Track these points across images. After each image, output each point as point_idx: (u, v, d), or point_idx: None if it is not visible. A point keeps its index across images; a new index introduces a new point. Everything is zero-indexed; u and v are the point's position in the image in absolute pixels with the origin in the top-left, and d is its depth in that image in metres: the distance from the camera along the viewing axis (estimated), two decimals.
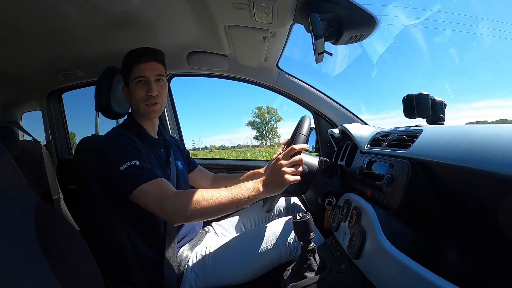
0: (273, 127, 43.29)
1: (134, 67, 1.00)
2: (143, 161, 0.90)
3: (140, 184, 0.85)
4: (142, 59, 1.00)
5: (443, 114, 0.88)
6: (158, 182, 0.87)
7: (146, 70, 1.00)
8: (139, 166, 0.87)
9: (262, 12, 0.95)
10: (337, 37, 0.93)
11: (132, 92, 1.02)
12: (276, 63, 1.53)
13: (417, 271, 0.48)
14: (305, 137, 0.90)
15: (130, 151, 0.90)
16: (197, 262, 0.97)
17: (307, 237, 0.77)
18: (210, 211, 0.82)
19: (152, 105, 1.01)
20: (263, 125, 42.95)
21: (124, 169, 0.86)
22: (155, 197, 0.84)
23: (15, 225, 0.62)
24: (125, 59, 1.03)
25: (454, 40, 42.20)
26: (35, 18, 1.01)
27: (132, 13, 1.04)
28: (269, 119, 43.23)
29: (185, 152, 1.30)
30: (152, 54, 1.02)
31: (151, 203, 0.84)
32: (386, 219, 0.66)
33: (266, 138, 43.41)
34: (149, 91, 0.99)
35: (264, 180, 0.84)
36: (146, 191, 0.85)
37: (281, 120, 44.11)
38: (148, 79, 1.00)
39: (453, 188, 0.59)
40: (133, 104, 1.04)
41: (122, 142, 0.92)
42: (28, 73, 1.54)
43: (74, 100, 2.05)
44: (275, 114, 43.32)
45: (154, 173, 0.89)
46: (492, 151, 0.46)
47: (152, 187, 0.85)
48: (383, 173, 0.76)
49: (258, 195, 0.83)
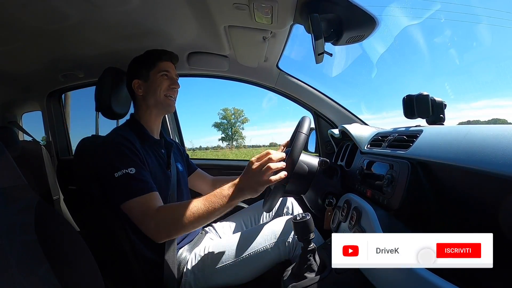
0: (237, 128, 43.43)
1: (159, 62, 1.08)
2: (140, 168, 0.90)
3: (128, 199, 0.86)
4: (167, 58, 1.11)
5: (443, 114, 0.88)
6: (145, 198, 0.87)
7: (169, 68, 1.10)
8: (133, 176, 0.87)
9: (262, 13, 0.95)
10: (337, 37, 0.93)
11: (156, 84, 1.06)
12: (276, 63, 1.53)
13: (417, 271, 0.48)
14: (306, 136, 0.90)
15: (128, 157, 0.90)
16: (196, 262, 0.97)
17: (307, 238, 0.77)
18: (191, 226, 0.84)
19: (172, 99, 1.09)
20: (228, 127, 42.97)
21: (119, 176, 0.87)
22: (138, 216, 0.86)
23: (15, 225, 0.62)
24: (148, 55, 1.11)
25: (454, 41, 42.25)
26: (35, 18, 1.01)
27: (132, 13, 1.03)
28: (234, 121, 43.34)
29: (184, 155, 1.31)
30: (174, 56, 1.15)
31: (135, 220, 0.86)
32: (386, 220, 0.66)
33: (232, 140, 43.50)
34: (172, 84, 1.08)
35: (237, 184, 0.83)
36: (131, 208, 0.86)
37: (248, 121, 44.25)
38: (172, 76, 1.10)
39: (453, 188, 0.59)
40: (151, 97, 1.07)
41: (122, 146, 0.92)
42: (28, 74, 1.54)
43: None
44: (241, 115, 43.56)
45: (147, 186, 0.88)
46: (492, 151, 0.46)
47: (137, 204, 0.86)
48: (383, 174, 0.76)
49: (233, 201, 0.83)
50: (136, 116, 1.09)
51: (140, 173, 0.89)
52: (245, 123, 44.07)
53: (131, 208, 0.86)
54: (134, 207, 0.86)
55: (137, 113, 1.09)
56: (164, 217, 0.85)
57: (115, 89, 1.14)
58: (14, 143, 1.59)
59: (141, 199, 0.86)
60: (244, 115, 43.72)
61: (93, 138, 1.11)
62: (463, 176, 0.55)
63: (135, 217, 0.86)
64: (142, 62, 1.09)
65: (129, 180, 0.87)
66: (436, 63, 47.82)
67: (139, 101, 1.09)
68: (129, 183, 0.87)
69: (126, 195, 0.86)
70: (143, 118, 1.08)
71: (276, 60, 1.49)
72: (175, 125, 1.96)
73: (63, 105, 1.98)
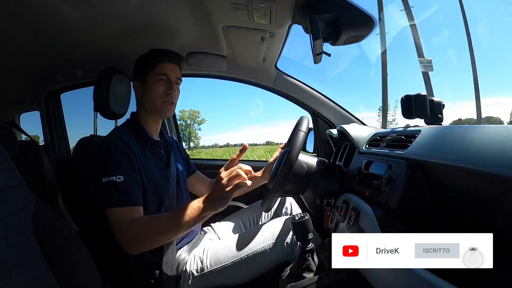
0: (192, 129, 43.63)
1: (157, 64, 1.03)
2: (129, 177, 0.89)
3: (108, 207, 0.86)
4: (167, 59, 1.04)
5: (441, 114, 0.88)
6: (124, 210, 0.86)
7: (168, 69, 1.04)
8: (118, 185, 0.87)
9: (260, 13, 0.95)
10: (336, 37, 0.93)
11: (150, 88, 1.03)
12: (275, 63, 1.53)
13: (416, 271, 0.48)
14: (305, 134, 0.91)
15: (119, 164, 0.89)
16: (195, 263, 0.97)
17: (306, 238, 0.77)
18: (163, 238, 0.86)
19: (168, 104, 1.04)
20: (185, 128, 43.12)
21: (105, 182, 0.87)
22: (114, 225, 0.86)
23: (13, 226, 0.62)
24: (148, 55, 1.06)
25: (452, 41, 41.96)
26: (34, 17, 1.00)
27: (131, 13, 1.03)
28: (191, 122, 43.60)
29: (185, 155, 1.31)
30: (177, 56, 1.08)
31: (112, 228, 0.86)
32: (384, 220, 0.66)
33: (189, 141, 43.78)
34: (169, 89, 1.03)
35: (206, 197, 0.82)
36: (109, 216, 0.86)
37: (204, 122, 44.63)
38: (170, 79, 1.04)
39: (451, 188, 0.60)
40: (147, 101, 1.04)
41: (117, 150, 0.91)
42: (26, 73, 1.53)
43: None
44: (197, 116, 43.92)
45: (129, 198, 0.88)
46: (490, 151, 0.46)
47: (115, 214, 0.86)
48: (381, 174, 0.76)
49: (204, 213, 0.80)
50: (136, 116, 1.08)
51: (127, 183, 0.88)
52: (202, 124, 44.63)
53: (110, 216, 0.86)
54: (112, 216, 0.86)
55: (137, 113, 1.09)
56: (136, 230, 0.84)
57: (113, 89, 1.14)
58: (12, 143, 1.58)
59: (121, 210, 0.86)
60: (200, 116, 44.32)
61: (92, 138, 1.10)
62: (461, 176, 0.55)
63: (112, 226, 0.86)
64: (143, 62, 1.07)
65: (113, 189, 0.86)
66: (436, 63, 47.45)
67: (139, 103, 1.09)
68: (112, 192, 0.86)
69: (107, 203, 0.86)
70: (142, 119, 1.07)
71: (274, 60, 1.50)
72: (173, 125, 1.96)
73: (61, 105, 1.97)
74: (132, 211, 0.87)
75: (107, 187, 0.86)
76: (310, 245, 0.79)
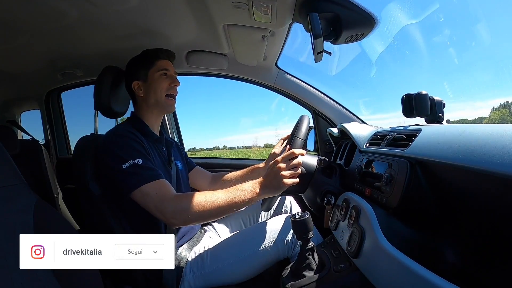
0: None
1: (157, 61, 1.08)
2: (146, 159, 0.91)
3: (141, 185, 0.85)
4: (165, 56, 1.11)
5: (442, 113, 0.88)
6: (159, 183, 0.87)
7: (168, 65, 1.10)
8: (141, 165, 0.87)
9: (261, 11, 0.95)
10: (336, 36, 0.93)
11: (155, 84, 1.06)
12: (275, 62, 1.53)
13: (416, 270, 0.48)
14: (302, 141, 0.91)
15: (134, 149, 0.91)
16: (195, 261, 0.97)
17: (306, 236, 0.77)
18: (209, 214, 0.84)
19: (171, 99, 1.09)
20: None
21: (127, 167, 0.86)
22: (155, 199, 0.85)
23: (13, 225, 0.62)
24: (145, 54, 1.11)
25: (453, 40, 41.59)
26: (34, 16, 1.00)
27: (131, 12, 1.03)
28: None
29: (183, 153, 1.31)
30: (172, 54, 1.14)
31: (151, 204, 0.85)
32: (385, 218, 0.66)
33: None
34: (173, 82, 1.08)
35: (262, 182, 0.85)
36: (147, 192, 0.85)
37: None
38: (171, 73, 1.09)
39: (451, 187, 0.59)
40: (151, 97, 1.06)
41: (128, 138, 0.92)
42: (27, 72, 1.53)
43: None
44: None
45: (156, 174, 0.89)
46: (491, 150, 0.46)
47: (152, 189, 0.85)
48: (382, 172, 0.76)
49: (256, 197, 0.84)
50: (137, 114, 1.09)
51: (147, 163, 0.89)
52: None
53: (147, 193, 0.85)
54: (149, 192, 0.85)
55: (138, 112, 1.10)
56: (182, 202, 0.84)
57: (114, 87, 1.14)
58: (13, 142, 1.59)
59: (155, 184, 0.86)
60: None
61: (92, 136, 1.10)
62: (461, 175, 0.55)
63: (152, 201, 0.84)
64: (140, 62, 1.09)
65: (138, 169, 0.87)
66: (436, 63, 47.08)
67: (140, 101, 1.09)
68: (139, 171, 0.87)
69: (137, 183, 0.85)
70: (144, 116, 1.08)
71: (275, 59, 1.49)
72: (174, 125, 1.96)
73: (62, 104, 1.97)
74: (166, 184, 0.88)
75: (132, 169, 0.86)
76: (311, 243, 0.79)
